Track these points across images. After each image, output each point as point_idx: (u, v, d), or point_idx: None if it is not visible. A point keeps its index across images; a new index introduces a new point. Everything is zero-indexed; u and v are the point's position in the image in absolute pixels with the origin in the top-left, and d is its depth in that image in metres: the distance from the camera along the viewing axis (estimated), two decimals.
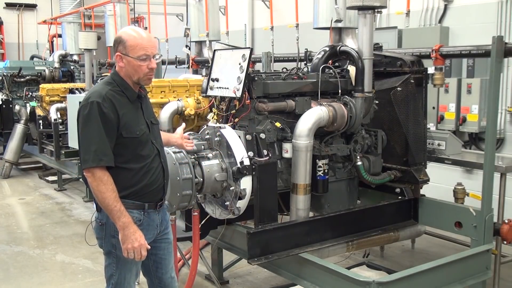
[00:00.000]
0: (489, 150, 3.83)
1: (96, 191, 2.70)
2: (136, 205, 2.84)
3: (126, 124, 2.74)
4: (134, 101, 2.84)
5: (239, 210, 3.59)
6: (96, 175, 2.67)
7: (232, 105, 3.88)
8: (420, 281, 3.36)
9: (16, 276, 5.10)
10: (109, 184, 2.68)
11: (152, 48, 2.78)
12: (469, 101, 5.96)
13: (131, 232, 2.72)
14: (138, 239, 2.73)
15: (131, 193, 2.81)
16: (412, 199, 4.27)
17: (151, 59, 2.79)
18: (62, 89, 8.96)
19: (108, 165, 2.69)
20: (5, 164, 9.64)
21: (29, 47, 14.82)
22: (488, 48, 3.98)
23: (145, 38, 2.78)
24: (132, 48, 2.74)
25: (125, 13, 10.76)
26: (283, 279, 4.17)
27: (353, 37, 4.53)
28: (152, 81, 6.27)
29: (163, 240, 3.06)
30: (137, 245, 2.73)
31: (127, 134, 2.74)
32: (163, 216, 3.04)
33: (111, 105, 2.70)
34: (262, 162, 3.56)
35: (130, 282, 2.95)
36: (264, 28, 8.76)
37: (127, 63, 2.78)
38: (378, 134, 4.21)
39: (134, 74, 2.79)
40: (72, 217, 7.01)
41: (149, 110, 2.97)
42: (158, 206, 2.93)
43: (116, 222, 2.71)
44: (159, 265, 3.09)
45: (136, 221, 2.82)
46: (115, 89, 2.79)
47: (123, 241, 2.73)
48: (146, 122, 2.87)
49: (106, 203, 2.68)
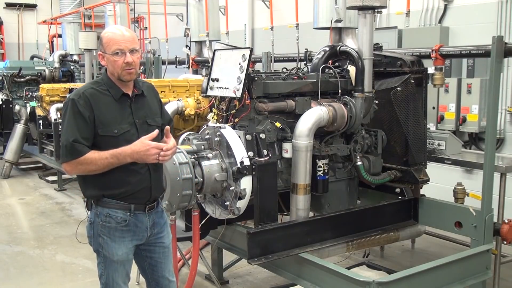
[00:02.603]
0: (489, 150, 3.83)
1: (87, 173, 2.73)
2: (121, 206, 2.83)
3: (103, 122, 2.75)
4: (120, 100, 2.83)
5: (239, 210, 3.59)
6: (72, 166, 2.71)
7: (232, 105, 3.88)
8: (420, 281, 3.36)
9: (16, 276, 5.10)
10: (89, 160, 2.68)
11: (126, 42, 2.76)
12: (469, 101, 5.96)
13: (130, 153, 2.68)
14: (139, 147, 2.68)
15: (114, 193, 2.81)
16: (412, 199, 4.27)
17: (127, 53, 2.76)
18: (62, 89, 8.94)
19: (78, 158, 2.69)
20: (5, 164, 9.64)
21: (29, 47, 14.82)
22: (488, 48, 3.98)
23: (118, 34, 2.78)
24: (107, 44, 2.78)
25: (125, 13, 10.77)
26: (283, 279, 4.17)
27: (353, 37, 4.53)
28: (152, 81, 6.30)
29: (157, 244, 3.03)
30: (144, 149, 2.68)
31: (103, 132, 2.75)
32: (157, 219, 2.99)
33: (87, 102, 2.73)
34: (262, 162, 3.56)
35: (118, 281, 2.93)
36: (264, 28, 8.76)
37: (106, 61, 2.81)
38: (378, 134, 4.21)
39: (113, 70, 2.80)
40: (72, 217, 7.01)
41: (144, 110, 2.90)
42: (147, 208, 2.90)
43: (125, 161, 2.70)
44: (155, 268, 3.08)
45: (121, 221, 2.83)
46: (100, 87, 2.81)
47: (143, 160, 2.70)
48: (133, 122, 2.83)
49: (103, 167, 2.69)
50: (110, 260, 2.88)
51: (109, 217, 2.84)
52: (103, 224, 2.86)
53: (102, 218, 2.85)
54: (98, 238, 2.88)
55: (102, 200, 2.83)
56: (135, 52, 2.80)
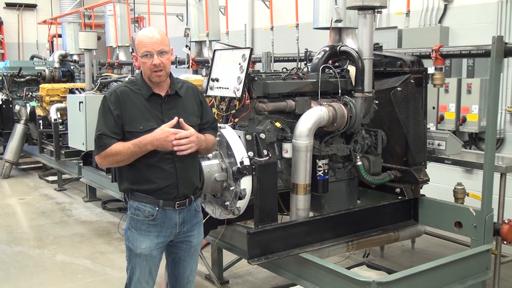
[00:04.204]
0: (489, 150, 3.83)
1: (115, 164, 2.86)
2: (149, 200, 2.89)
3: (130, 118, 2.84)
4: (151, 99, 2.89)
5: (239, 210, 3.59)
6: (102, 158, 2.85)
7: (232, 105, 3.88)
8: (420, 281, 3.36)
9: (16, 276, 5.10)
10: (114, 151, 2.79)
11: (153, 44, 2.82)
12: (469, 101, 5.96)
13: (150, 140, 2.75)
14: (158, 134, 2.74)
15: (142, 188, 2.88)
16: (412, 199, 4.27)
17: (154, 55, 2.81)
18: (62, 89, 8.96)
19: (105, 150, 2.81)
20: (5, 164, 9.64)
21: (29, 47, 14.80)
22: (488, 48, 3.98)
23: (147, 36, 2.85)
24: (138, 47, 2.87)
25: (125, 13, 10.77)
26: (283, 279, 4.17)
27: (353, 37, 4.54)
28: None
29: (184, 242, 3.06)
30: (163, 136, 2.74)
31: (129, 128, 2.84)
32: (188, 217, 3.01)
33: (116, 99, 2.85)
34: (262, 162, 3.56)
35: (140, 278, 2.96)
36: (264, 28, 8.76)
37: (139, 62, 2.90)
38: (378, 134, 4.21)
39: (144, 71, 2.89)
40: (72, 217, 7.00)
41: (176, 110, 2.91)
42: (177, 205, 2.92)
43: (146, 148, 2.77)
44: (177, 265, 3.11)
45: (149, 215, 2.89)
46: (134, 86, 2.92)
47: (163, 146, 2.76)
48: (162, 120, 2.86)
49: (128, 156, 2.79)
50: (134, 253, 2.95)
51: (138, 210, 2.91)
52: (132, 217, 2.94)
53: (132, 210, 2.94)
54: (127, 231, 2.98)
55: (134, 193, 2.92)
56: (164, 54, 2.84)
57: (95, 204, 7.69)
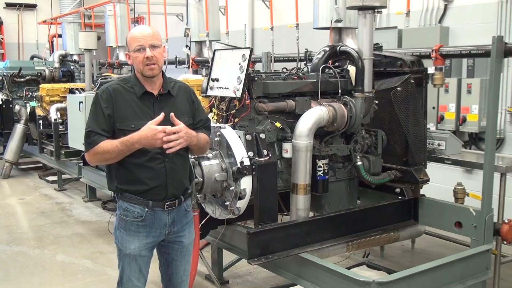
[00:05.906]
0: (489, 150, 3.83)
1: (104, 162, 2.85)
2: (139, 201, 2.87)
3: (121, 116, 2.83)
4: (143, 98, 2.88)
5: (239, 210, 3.59)
6: (90, 155, 2.83)
7: (232, 105, 3.88)
8: (420, 281, 3.36)
9: (16, 276, 5.10)
10: (101, 149, 2.76)
11: (145, 38, 2.82)
12: (469, 101, 5.96)
13: (137, 139, 2.72)
14: (145, 132, 2.71)
15: (131, 189, 2.87)
16: (412, 199, 4.27)
17: (147, 48, 2.81)
18: (62, 89, 8.95)
19: (93, 147, 2.79)
20: (5, 164, 9.63)
21: (29, 47, 14.80)
22: (488, 48, 3.98)
23: (139, 31, 2.87)
24: (130, 43, 2.88)
25: (125, 13, 10.78)
26: (283, 279, 4.17)
27: (353, 37, 4.54)
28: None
29: (176, 242, 3.04)
30: (151, 134, 2.71)
31: (120, 126, 2.83)
32: (178, 218, 2.99)
33: (108, 97, 2.84)
34: (262, 162, 3.56)
35: (130, 276, 2.96)
36: (264, 28, 8.76)
37: (131, 59, 2.90)
38: (378, 134, 4.21)
39: (137, 67, 2.88)
40: (72, 217, 7.00)
41: (168, 109, 2.86)
42: (166, 205, 2.91)
43: (133, 147, 2.74)
44: (170, 265, 3.11)
45: (138, 216, 2.87)
46: (126, 84, 2.91)
47: (151, 144, 2.74)
48: (153, 119, 2.84)
49: (115, 155, 2.76)
50: (123, 253, 2.95)
51: (127, 211, 2.90)
52: (121, 217, 2.94)
53: (121, 211, 2.93)
54: (116, 231, 2.98)
55: (124, 194, 2.91)
56: (156, 48, 2.84)
57: (95, 204, 7.69)
